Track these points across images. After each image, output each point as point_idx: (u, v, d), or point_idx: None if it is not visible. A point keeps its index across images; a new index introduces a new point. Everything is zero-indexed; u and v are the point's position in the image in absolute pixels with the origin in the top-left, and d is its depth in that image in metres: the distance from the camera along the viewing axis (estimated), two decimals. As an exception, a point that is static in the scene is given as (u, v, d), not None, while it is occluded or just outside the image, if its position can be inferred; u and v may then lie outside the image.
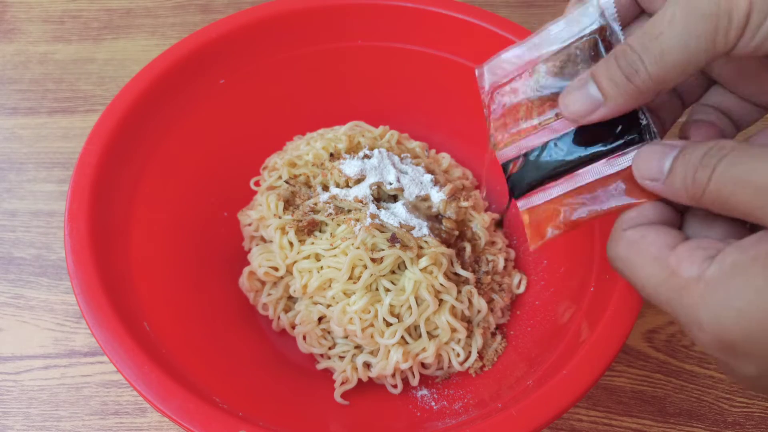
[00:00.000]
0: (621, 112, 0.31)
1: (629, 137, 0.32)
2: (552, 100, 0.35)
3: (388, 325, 0.45)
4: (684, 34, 0.27)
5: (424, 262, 0.44)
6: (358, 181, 0.49)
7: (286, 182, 0.51)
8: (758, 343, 0.24)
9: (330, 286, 0.46)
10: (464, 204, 0.50)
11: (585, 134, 0.33)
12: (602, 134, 0.32)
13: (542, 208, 0.35)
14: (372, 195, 0.48)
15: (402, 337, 0.45)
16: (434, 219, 0.48)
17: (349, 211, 0.47)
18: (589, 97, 0.31)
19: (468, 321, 0.48)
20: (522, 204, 0.36)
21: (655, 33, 0.28)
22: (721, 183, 0.25)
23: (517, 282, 0.51)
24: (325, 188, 0.50)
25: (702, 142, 0.27)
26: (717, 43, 0.27)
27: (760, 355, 0.24)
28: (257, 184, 0.55)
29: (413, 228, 0.46)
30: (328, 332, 0.48)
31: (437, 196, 0.49)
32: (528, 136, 0.35)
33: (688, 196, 0.27)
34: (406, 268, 0.45)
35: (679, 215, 0.31)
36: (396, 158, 0.51)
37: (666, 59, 0.28)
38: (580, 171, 0.33)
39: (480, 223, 0.50)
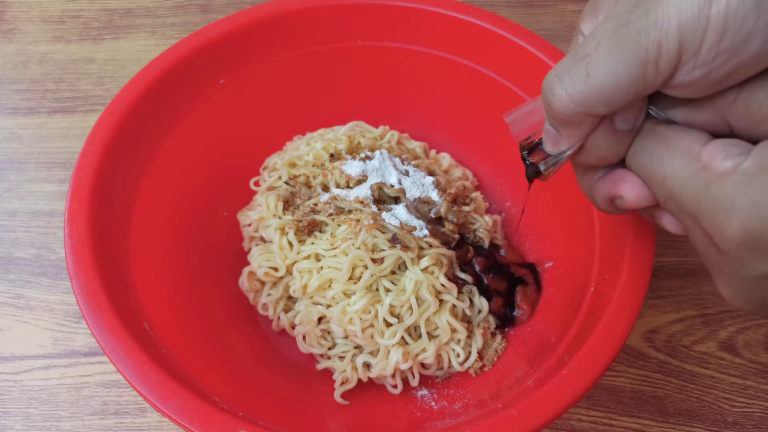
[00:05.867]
0: (574, 141, 0.30)
1: None
2: None
3: (389, 325, 0.45)
4: (610, 60, 0.26)
5: (425, 262, 0.44)
6: (359, 181, 0.49)
7: (286, 183, 0.51)
8: None
9: (330, 286, 0.46)
10: (466, 208, 0.50)
11: None
12: None
13: None
14: (372, 196, 0.48)
15: (402, 337, 0.45)
16: (435, 222, 0.48)
17: (350, 211, 0.47)
18: (549, 133, 0.31)
19: (468, 321, 0.48)
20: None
21: (582, 55, 0.27)
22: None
23: (517, 282, 0.51)
24: (325, 189, 0.50)
25: None
26: (647, 72, 0.26)
27: None
28: (257, 184, 0.55)
29: (414, 229, 0.46)
30: (328, 332, 0.48)
31: (438, 199, 0.49)
32: None
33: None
34: (406, 268, 0.45)
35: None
36: (397, 160, 0.51)
37: (590, 82, 0.27)
38: None
39: (483, 225, 0.51)
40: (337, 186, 0.49)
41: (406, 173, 0.50)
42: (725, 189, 0.26)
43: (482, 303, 0.47)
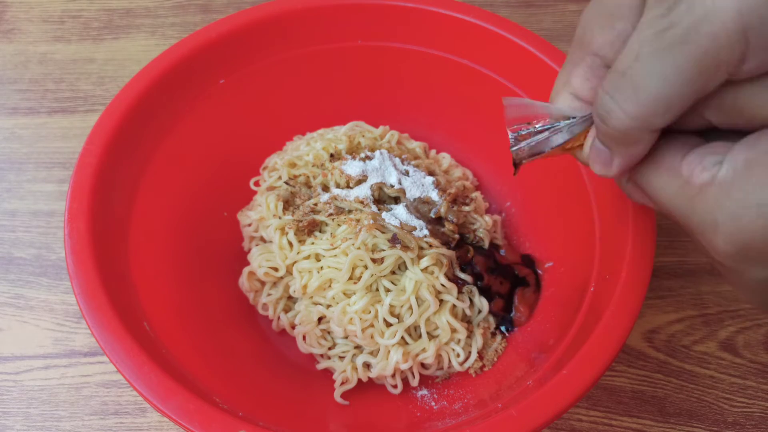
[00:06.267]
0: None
1: None
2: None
3: (389, 325, 0.45)
4: (657, 67, 0.24)
5: (425, 262, 0.44)
6: (359, 181, 0.49)
7: (286, 183, 0.51)
8: None
9: (330, 286, 0.46)
10: (466, 208, 0.50)
11: None
12: None
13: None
14: (372, 196, 0.48)
15: (402, 337, 0.45)
16: (435, 222, 0.48)
17: (350, 211, 0.47)
18: (600, 152, 0.30)
19: (468, 321, 0.48)
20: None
21: (622, 69, 0.26)
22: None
23: (517, 282, 0.51)
24: (325, 189, 0.50)
25: None
26: (707, 68, 0.23)
27: None
28: (257, 184, 0.55)
29: (414, 229, 0.46)
30: (328, 332, 0.48)
31: (438, 199, 0.49)
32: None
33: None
34: (406, 268, 0.45)
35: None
36: (397, 160, 0.51)
37: (640, 95, 0.25)
38: None
39: (483, 225, 0.51)
40: (337, 186, 0.49)
41: (406, 173, 0.50)
42: (707, 203, 0.25)
43: (482, 303, 0.47)
